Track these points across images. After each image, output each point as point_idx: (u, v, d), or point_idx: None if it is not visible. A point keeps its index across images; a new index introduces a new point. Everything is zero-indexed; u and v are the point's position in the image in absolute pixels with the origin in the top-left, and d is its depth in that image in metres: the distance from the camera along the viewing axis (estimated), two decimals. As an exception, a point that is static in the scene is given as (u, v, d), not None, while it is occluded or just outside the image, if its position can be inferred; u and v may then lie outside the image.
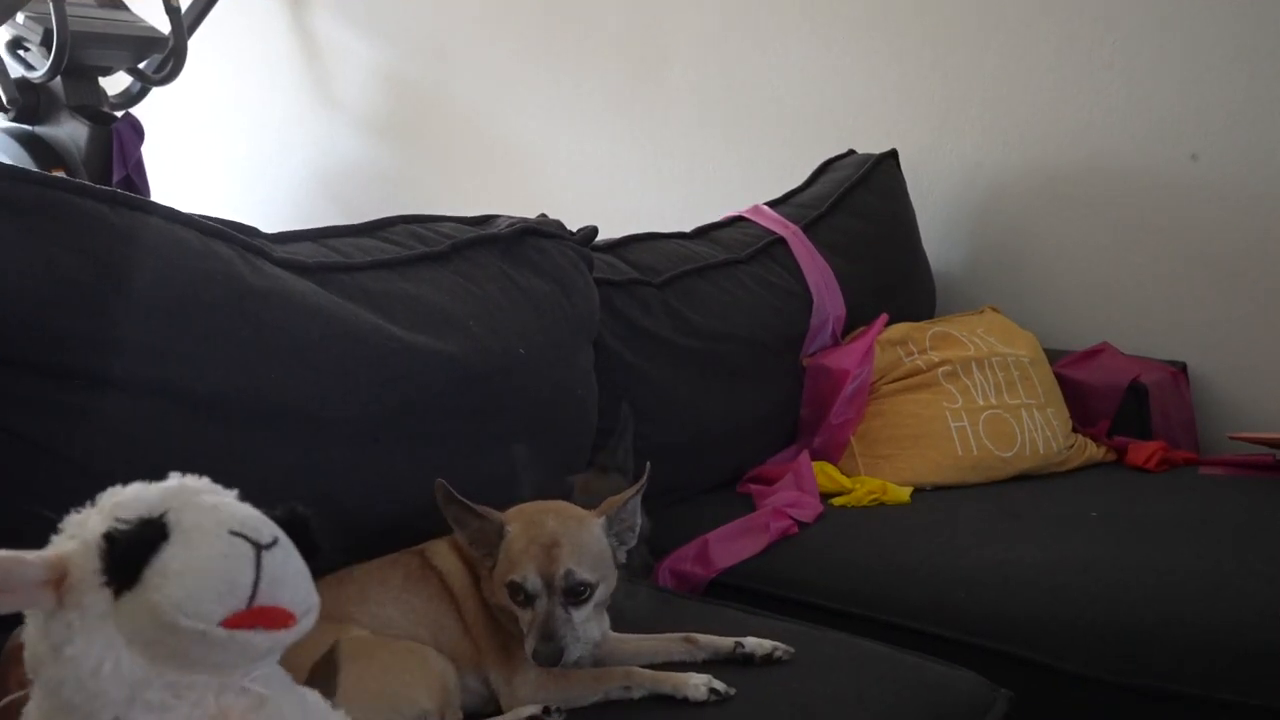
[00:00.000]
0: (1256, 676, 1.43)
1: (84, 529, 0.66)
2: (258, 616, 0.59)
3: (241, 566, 0.60)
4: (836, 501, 2.01)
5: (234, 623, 0.59)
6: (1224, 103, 2.38)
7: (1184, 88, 2.42)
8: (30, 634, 0.63)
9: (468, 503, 1.29)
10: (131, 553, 0.60)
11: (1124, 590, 1.58)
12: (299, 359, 1.38)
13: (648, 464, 1.37)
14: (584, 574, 1.25)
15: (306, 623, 0.65)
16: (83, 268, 1.22)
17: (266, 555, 0.63)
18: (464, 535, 1.31)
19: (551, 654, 1.21)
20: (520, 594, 1.25)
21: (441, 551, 1.38)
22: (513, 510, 1.33)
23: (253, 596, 0.61)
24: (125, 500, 0.66)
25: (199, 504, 0.66)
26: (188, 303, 1.30)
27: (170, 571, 0.60)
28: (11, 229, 1.19)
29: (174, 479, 0.70)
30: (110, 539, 0.61)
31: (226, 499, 0.69)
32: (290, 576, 0.64)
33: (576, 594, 1.25)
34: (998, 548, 1.75)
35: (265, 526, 0.66)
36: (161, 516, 0.63)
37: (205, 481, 0.72)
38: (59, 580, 0.62)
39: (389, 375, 1.45)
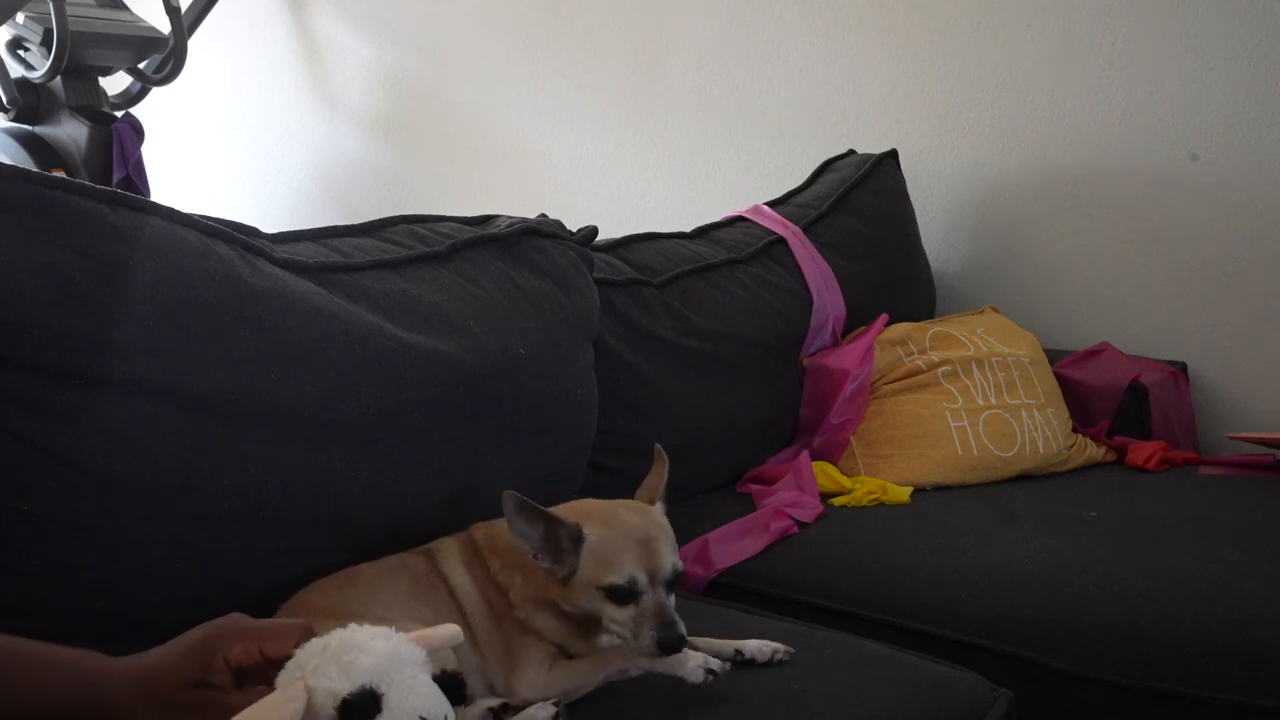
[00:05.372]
0: (1256, 676, 1.43)
1: (322, 677, 0.87)
2: None
3: None
4: (836, 501, 2.01)
5: None
6: (1224, 103, 2.38)
7: (1184, 88, 2.42)
8: None
9: (546, 511, 1.27)
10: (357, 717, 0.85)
11: (1124, 590, 1.58)
12: (299, 359, 1.38)
13: (658, 446, 1.42)
14: (679, 563, 1.30)
15: None
16: (83, 268, 1.22)
17: None
18: (528, 545, 1.27)
19: (676, 640, 1.24)
20: (622, 594, 1.26)
21: (451, 556, 1.37)
22: (572, 510, 1.32)
23: None
24: (355, 661, 0.87)
25: (403, 682, 0.87)
26: (188, 303, 1.30)
27: None
28: (11, 229, 1.19)
29: (384, 639, 0.90)
30: (346, 705, 0.85)
31: (423, 678, 0.89)
32: None
33: (674, 582, 1.29)
34: (998, 548, 1.75)
35: (440, 709, 0.88)
36: (376, 688, 0.86)
37: (410, 647, 0.91)
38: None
39: (389, 375, 1.45)
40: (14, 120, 3.39)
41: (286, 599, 1.32)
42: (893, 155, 2.66)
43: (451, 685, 0.91)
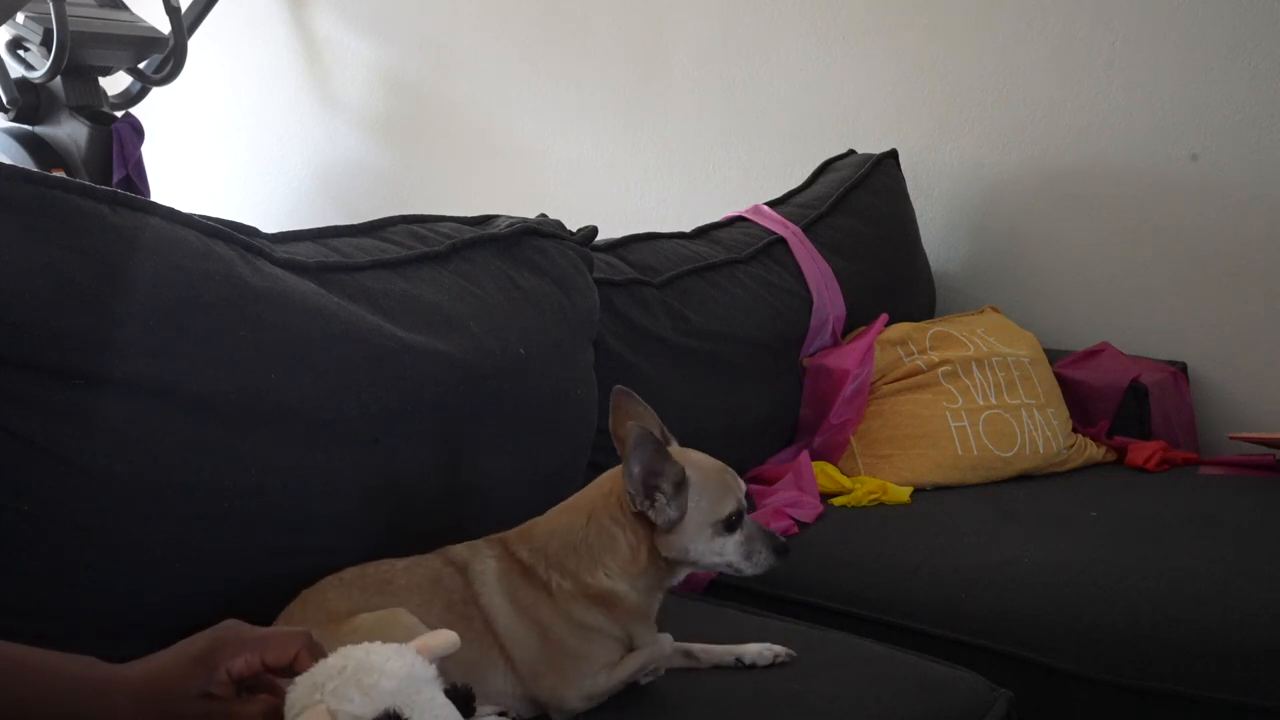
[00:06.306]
0: (1256, 676, 1.43)
1: (344, 700, 0.86)
2: None
3: None
4: (836, 501, 2.01)
5: None
6: (1224, 103, 2.38)
7: (1184, 88, 2.42)
8: None
9: (666, 448, 1.28)
10: None
11: (1124, 590, 1.58)
12: (299, 359, 1.38)
13: (620, 387, 1.44)
14: None
15: None
16: (83, 268, 1.22)
17: None
18: (631, 486, 1.27)
19: (785, 547, 1.33)
20: (735, 521, 1.30)
21: (489, 584, 1.31)
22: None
23: None
24: (377, 684, 0.87)
25: (423, 703, 0.87)
26: (188, 303, 1.30)
27: None
28: (11, 229, 1.19)
29: (399, 658, 0.89)
30: None
31: (440, 697, 0.90)
32: None
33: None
34: (998, 548, 1.75)
35: None
36: (400, 712, 0.86)
37: (423, 664, 0.90)
38: None
39: (389, 375, 1.45)
40: (14, 120, 3.39)
41: (287, 598, 1.31)
42: (893, 155, 2.66)
43: (463, 699, 0.92)
